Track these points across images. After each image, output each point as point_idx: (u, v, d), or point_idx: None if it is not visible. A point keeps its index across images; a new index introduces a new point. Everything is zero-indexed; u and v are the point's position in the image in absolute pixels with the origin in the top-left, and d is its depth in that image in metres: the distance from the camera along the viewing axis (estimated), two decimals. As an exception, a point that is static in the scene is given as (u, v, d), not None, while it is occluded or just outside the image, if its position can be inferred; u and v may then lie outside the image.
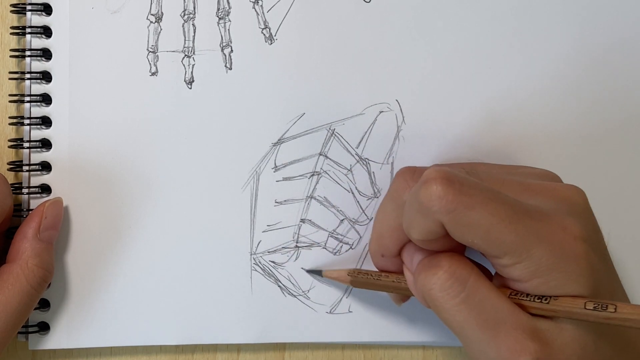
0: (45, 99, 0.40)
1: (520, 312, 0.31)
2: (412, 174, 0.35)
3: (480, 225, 0.30)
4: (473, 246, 0.31)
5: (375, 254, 0.37)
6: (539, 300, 0.31)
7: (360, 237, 0.41)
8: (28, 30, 0.40)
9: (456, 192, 0.30)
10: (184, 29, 0.41)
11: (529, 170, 0.37)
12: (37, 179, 0.40)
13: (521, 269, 0.31)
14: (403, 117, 0.41)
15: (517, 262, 0.30)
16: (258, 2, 0.41)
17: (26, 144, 0.40)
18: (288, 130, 0.41)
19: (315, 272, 0.41)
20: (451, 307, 0.31)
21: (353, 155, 0.41)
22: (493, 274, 0.34)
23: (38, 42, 0.40)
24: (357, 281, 0.38)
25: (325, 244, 0.41)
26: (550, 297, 0.31)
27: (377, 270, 0.37)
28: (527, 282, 0.31)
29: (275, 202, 0.41)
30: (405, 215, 0.33)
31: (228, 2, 0.41)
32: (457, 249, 0.33)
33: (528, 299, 0.31)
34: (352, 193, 0.41)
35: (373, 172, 0.41)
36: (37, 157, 0.40)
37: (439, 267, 0.32)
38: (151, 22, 0.41)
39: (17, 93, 0.41)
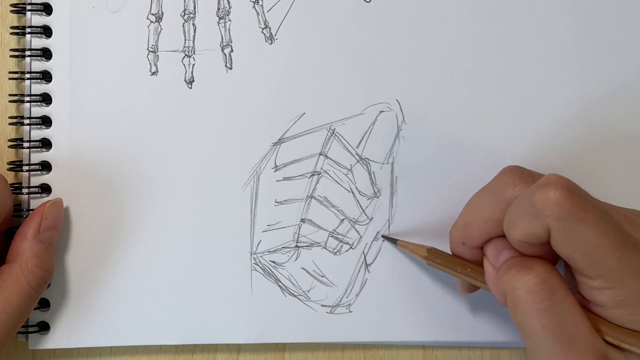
0: (45, 99, 0.40)
1: (596, 335, 0.31)
2: (521, 173, 0.34)
3: (587, 243, 0.30)
4: (569, 260, 0.31)
5: (455, 241, 0.37)
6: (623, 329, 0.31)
7: (361, 236, 0.41)
8: (28, 30, 0.40)
9: (574, 202, 0.30)
10: (184, 28, 0.41)
11: (627, 209, 0.37)
12: (37, 179, 0.40)
13: (609, 295, 0.31)
14: (403, 117, 0.41)
15: (607, 288, 0.31)
16: (258, 2, 0.41)
17: (26, 144, 0.40)
18: (288, 130, 0.41)
19: (390, 240, 0.41)
20: (532, 311, 0.31)
21: (353, 155, 0.41)
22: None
23: (38, 42, 0.40)
24: (432, 260, 0.37)
25: (326, 243, 0.41)
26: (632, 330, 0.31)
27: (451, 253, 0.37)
28: (610, 309, 0.31)
29: (276, 202, 0.41)
30: (510, 213, 0.33)
31: (228, 2, 0.41)
32: (549, 260, 0.33)
33: (609, 326, 0.31)
34: (352, 193, 0.41)
35: (373, 172, 0.41)
36: (37, 157, 0.40)
37: (532, 269, 0.32)
38: (151, 21, 0.41)
39: (17, 93, 0.41)
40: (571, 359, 0.31)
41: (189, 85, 0.41)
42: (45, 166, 0.40)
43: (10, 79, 0.41)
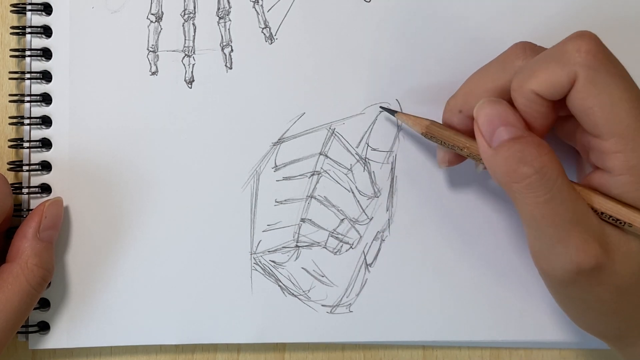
0: (45, 99, 0.40)
1: (592, 215, 0.32)
2: (533, 46, 0.35)
3: (611, 95, 0.31)
4: (586, 114, 0.31)
5: (453, 108, 0.37)
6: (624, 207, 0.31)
7: (361, 236, 0.41)
8: (28, 30, 0.40)
9: (606, 55, 0.31)
10: (184, 28, 0.41)
11: None
12: (37, 179, 0.40)
13: (620, 159, 0.31)
14: (403, 116, 0.41)
15: (619, 151, 0.31)
16: (258, 2, 0.41)
17: (26, 144, 0.40)
18: (288, 129, 0.41)
19: (390, 111, 0.41)
20: (532, 203, 0.32)
21: (353, 155, 0.41)
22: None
23: (38, 42, 0.40)
24: (430, 132, 0.37)
25: (326, 243, 0.41)
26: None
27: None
28: (617, 175, 0.31)
29: (276, 202, 0.41)
30: (531, 65, 0.33)
31: (228, 2, 0.41)
32: (543, 124, 0.33)
33: (604, 200, 0.32)
34: (352, 193, 0.41)
35: (373, 172, 0.41)
36: (37, 156, 0.40)
37: (531, 165, 0.31)
38: (151, 21, 0.41)
39: (17, 93, 0.41)
40: (572, 241, 0.31)
41: (189, 85, 0.41)
42: (45, 166, 0.40)
43: (10, 79, 0.41)
